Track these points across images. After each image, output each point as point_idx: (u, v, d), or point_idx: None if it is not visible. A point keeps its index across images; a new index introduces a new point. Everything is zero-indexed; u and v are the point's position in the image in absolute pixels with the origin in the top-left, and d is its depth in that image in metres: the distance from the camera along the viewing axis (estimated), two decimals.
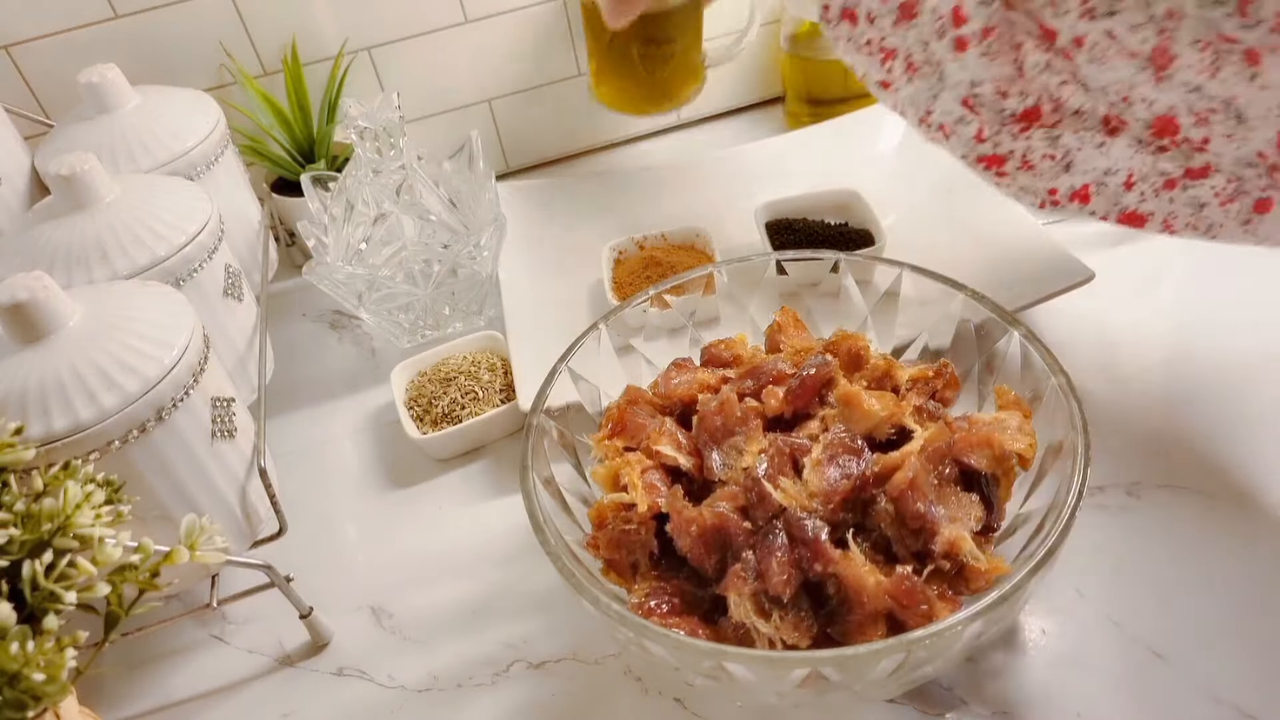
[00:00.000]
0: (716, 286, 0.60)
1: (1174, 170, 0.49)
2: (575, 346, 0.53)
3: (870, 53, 0.54)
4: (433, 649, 0.53)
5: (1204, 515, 0.52)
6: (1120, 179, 0.50)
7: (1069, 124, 0.51)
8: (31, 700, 0.35)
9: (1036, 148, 0.52)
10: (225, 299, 0.61)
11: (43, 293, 0.46)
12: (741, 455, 0.47)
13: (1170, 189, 0.49)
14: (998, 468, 0.45)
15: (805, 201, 0.72)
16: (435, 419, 0.64)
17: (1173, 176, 0.49)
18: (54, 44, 0.74)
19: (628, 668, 0.51)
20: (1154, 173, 0.49)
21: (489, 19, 0.82)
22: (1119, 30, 0.46)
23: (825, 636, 0.42)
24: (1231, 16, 0.42)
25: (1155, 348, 0.62)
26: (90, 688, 0.53)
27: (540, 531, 0.44)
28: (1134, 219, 0.51)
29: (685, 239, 0.73)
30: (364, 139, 0.64)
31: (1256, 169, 0.46)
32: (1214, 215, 0.48)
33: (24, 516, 0.38)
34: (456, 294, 0.70)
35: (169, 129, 0.65)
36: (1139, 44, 0.46)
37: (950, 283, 0.52)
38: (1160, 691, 0.45)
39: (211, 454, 0.51)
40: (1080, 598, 0.50)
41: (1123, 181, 0.50)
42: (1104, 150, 0.50)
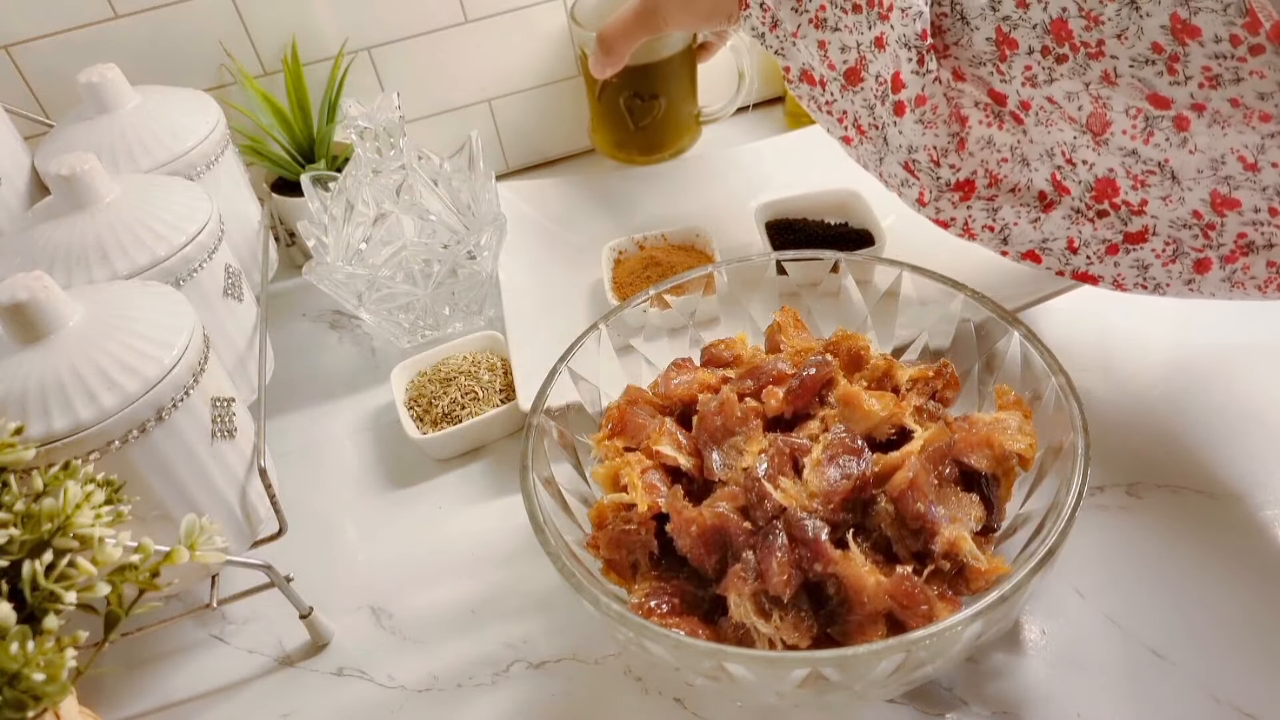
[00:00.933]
0: (716, 286, 0.60)
1: (1114, 236, 0.50)
2: (575, 346, 0.53)
3: (830, 112, 0.57)
4: (433, 649, 0.53)
5: (1204, 515, 0.52)
6: (1061, 244, 0.52)
7: (1005, 199, 0.53)
8: (31, 700, 0.35)
9: (977, 218, 0.54)
10: (225, 299, 0.61)
11: (43, 293, 0.46)
12: (741, 455, 0.47)
13: (1113, 254, 0.51)
14: (998, 468, 0.45)
15: (805, 201, 0.72)
16: (435, 419, 0.64)
17: (1114, 242, 0.51)
18: (54, 44, 0.74)
19: (628, 668, 0.51)
20: (1094, 239, 0.51)
21: (489, 19, 0.82)
22: (1058, 96, 0.48)
23: (825, 636, 0.42)
24: (1161, 75, 0.44)
25: (1155, 348, 0.62)
26: (90, 688, 0.53)
27: (540, 531, 0.44)
28: (1086, 278, 0.53)
29: (685, 239, 0.73)
30: (364, 139, 0.64)
31: (1192, 230, 0.48)
32: (1159, 275, 0.50)
33: (24, 516, 0.38)
34: (456, 294, 0.70)
35: (169, 129, 0.65)
36: (1075, 110, 0.48)
37: (950, 283, 0.52)
38: (1160, 691, 0.45)
39: (211, 454, 0.51)
40: (1080, 598, 0.50)
41: (1065, 246, 0.52)
42: (1038, 225, 0.53)
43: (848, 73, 0.54)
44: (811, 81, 0.57)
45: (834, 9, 0.53)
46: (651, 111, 0.78)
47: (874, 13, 0.51)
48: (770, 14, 0.56)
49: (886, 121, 0.54)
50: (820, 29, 0.54)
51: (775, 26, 0.56)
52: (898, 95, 0.51)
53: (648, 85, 0.77)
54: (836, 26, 0.53)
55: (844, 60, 0.54)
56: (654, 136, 0.81)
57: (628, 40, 0.65)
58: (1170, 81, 0.44)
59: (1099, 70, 0.45)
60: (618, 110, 0.79)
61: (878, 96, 0.53)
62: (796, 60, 0.57)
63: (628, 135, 0.81)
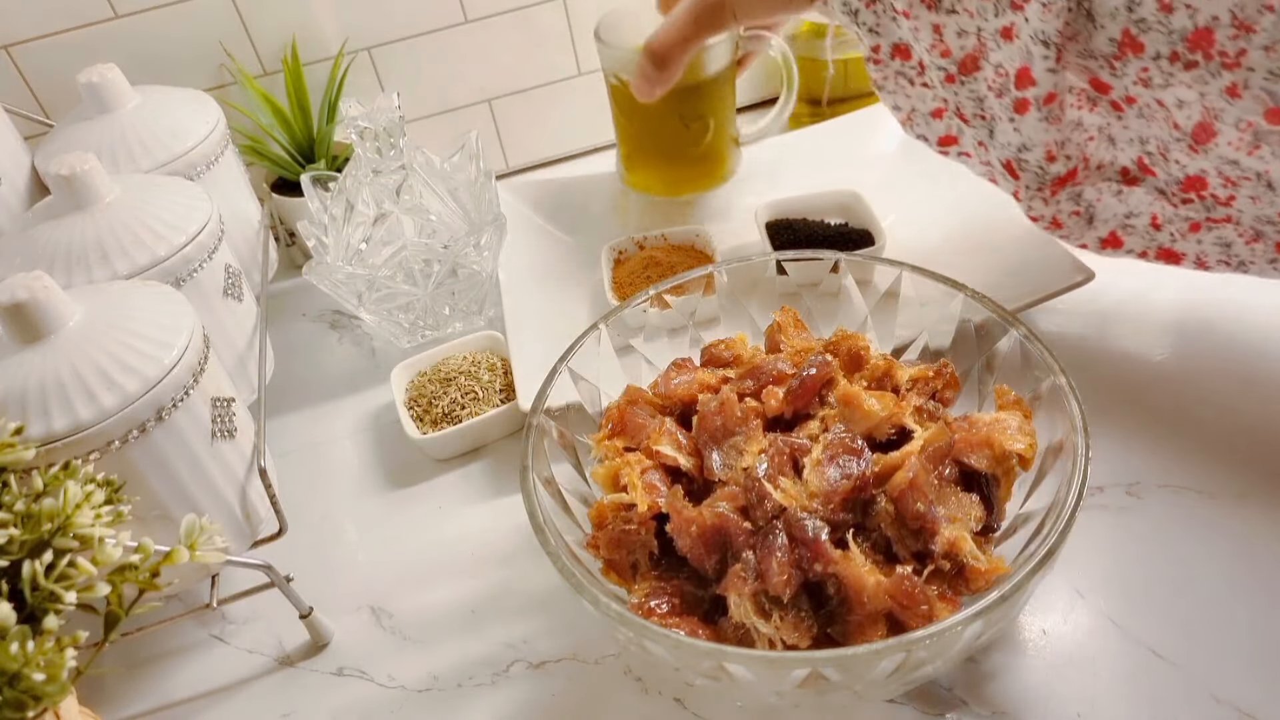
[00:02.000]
0: (716, 287, 0.60)
1: (1197, 217, 0.50)
2: (575, 346, 0.53)
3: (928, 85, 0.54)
4: (433, 649, 0.53)
5: (1204, 515, 0.52)
6: (1145, 220, 0.51)
7: (1091, 178, 0.52)
8: (31, 700, 0.35)
9: (1064, 208, 0.52)
10: (225, 299, 0.61)
11: (43, 293, 0.46)
12: (741, 455, 0.47)
13: (1195, 231, 0.50)
14: (998, 468, 0.45)
15: (805, 202, 0.72)
16: (435, 419, 0.64)
17: (1196, 221, 0.50)
18: (54, 44, 0.74)
19: (628, 668, 0.51)
20: (1177, 218, 0.50)
21: (489, 19, 0.82)
22: (1168, 100, 0.46)
23: (825, 636, 0.42)
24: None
25: (1155, 348, 0.62)
26: (90, 688, 0.53)
27: (540, 531, 0.44)
28: (1170, 255, 0.52)
29: (685, 239, 0.73)
30: (364, 139, 0.64)
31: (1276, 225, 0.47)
32: (1242, 253, 0.49)
33: (24, 516, 0.38)
34: (456, 294, 0.70)
35: (169, 129, 0.65)
36: (1183, 118, 0.46)
37: (950, 283, 0.52)
38: (1160, 691, 0.45)
39: (211, 454, 0.51)
40: (1080, 598, 0.50)
41: (1149, 222, 0.51)
42: (1122, 198, 0.51)
43: (965, 60, 0.50)
44: (905, 56, 0.54)
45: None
46: (701, 137, 0.70)
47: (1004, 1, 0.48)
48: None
49: (999, 115, 0.51)
50: (934, 10, 0.50)
51: (873, 2, 0.52)
52: (1023, 92, 0.49)
53: (696, 107, 0.68)
54: (954, 9, 0.50)
55: (961, 46, 0.50)
56: (702, 165, 0.73)
57: (686, 48, 0.57)
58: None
59: (1226, 81, 0.44)
60: (662, 140, 0.70)
61: (993, 88, 0.50)
62: (891, 36, 0.53)
63: (672, 166, 0.73)
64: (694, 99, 0.68)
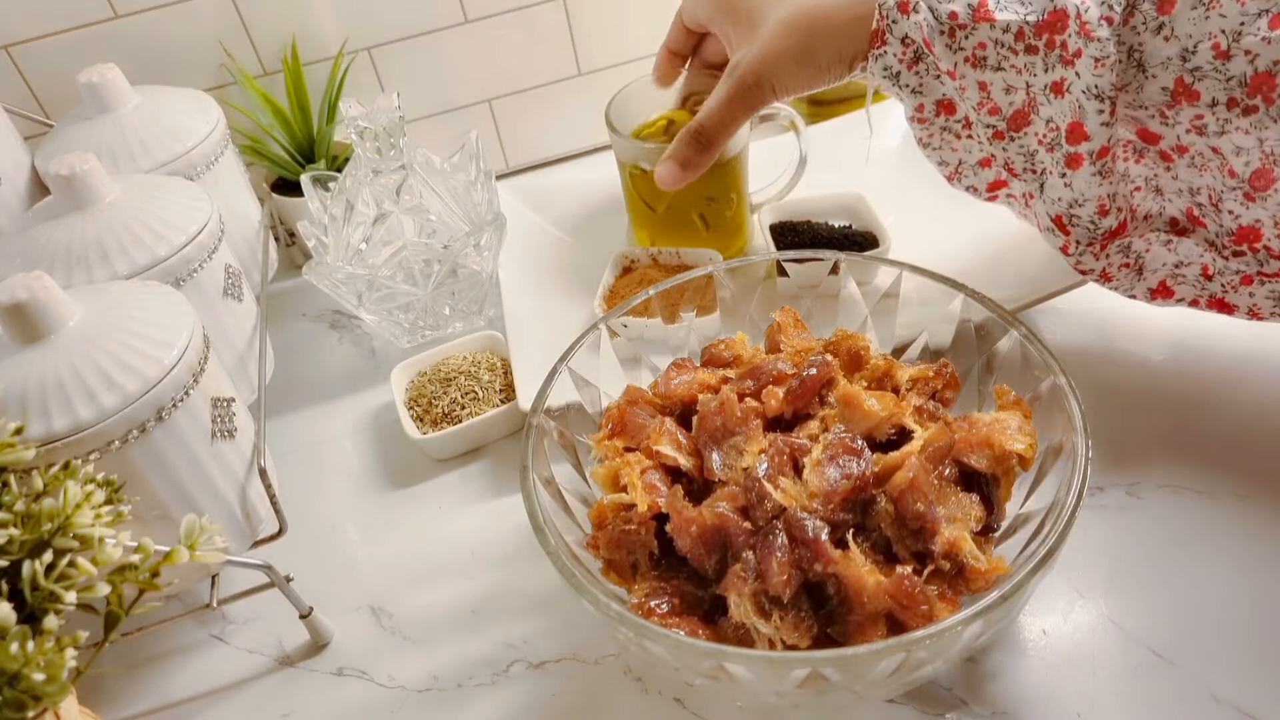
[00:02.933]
0: (717, 293, 0.59)
1: (1249, 270, 0.49)
2: (575, 346, 0.53)
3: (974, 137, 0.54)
4: (433, 649, 0.53)
5: (1204, 515, 0.52)
6: (1195, 270, 0.51)
7: (1139, 229, 0.51)
8: (31, 700, 0.35)
9: (1114, 260, 0.52)
10: (225, 299, 0.61)
11: (43, 293, 0.46)
12: (741, 455, 0.47)
13: (1248, 284, 0.50)
14: (998, 468, 0.45)
15: (810, 204, 0.72)
16: (435, 419, 0.64)
17: (1248, 274, 0.49)
18: (54, 44, 0.74)
19: (628, 668, 0.51)
20: (1228, 270, 0.50)
21: (489, 19, 0.82)
22: (1225, 148, 0.46)
23: (825, 636, 0.42)
24: None
25: (1155, 348, 0.62)
26: (90, 688, 0.53)
27: (540, 531, 0.44)
28: (1223, 306, 0.51)
29: (699, 260, 0.71)
30: (364, 139, 0.64)
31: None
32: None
33: (24, 516, 0.38)
34: (456, 294, 0.70)
35: (169, 129, 0.65)
36: (1240, 165, 0.46)
37: (950, 283, 0.52)
38: (1160, 691, 0.45)
39: (211, 454, 0.51)
40: (1080, 598, 0.50)
41: (1199, 272, 0.51)
42: (1172, 248, 0.51)
43: (1014, 116, 0.50)
44: (951, 111, 0.53)
45: (998, 49, 0.48)
46: (725, 212, 0.70)
47: (1054, 55, 0.47)
48: (912, 49, 0.51)
49: (1050, 169, 0.50)
50: (979, 68, 0.49)
51: (915, 63, 0.51)
52: (1076, 147, 0.48)
53: (722, 186, 0.69)
54: (1000, 66, 0.49)
55: (1009, 102, 0.50)
56: (725, 238, 0.73)
57: (730, 130, 0.57)
58: None
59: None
60: (687, 222, 0.70)
61: (1044, 143, 0.50)
62: (934, 94, 0.53)
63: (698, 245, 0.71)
64: (720, 178, 0.69)
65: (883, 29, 0.51)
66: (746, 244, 0.76)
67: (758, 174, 0.74)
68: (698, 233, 0.72)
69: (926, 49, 0.50)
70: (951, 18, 0.49)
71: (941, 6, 0.49)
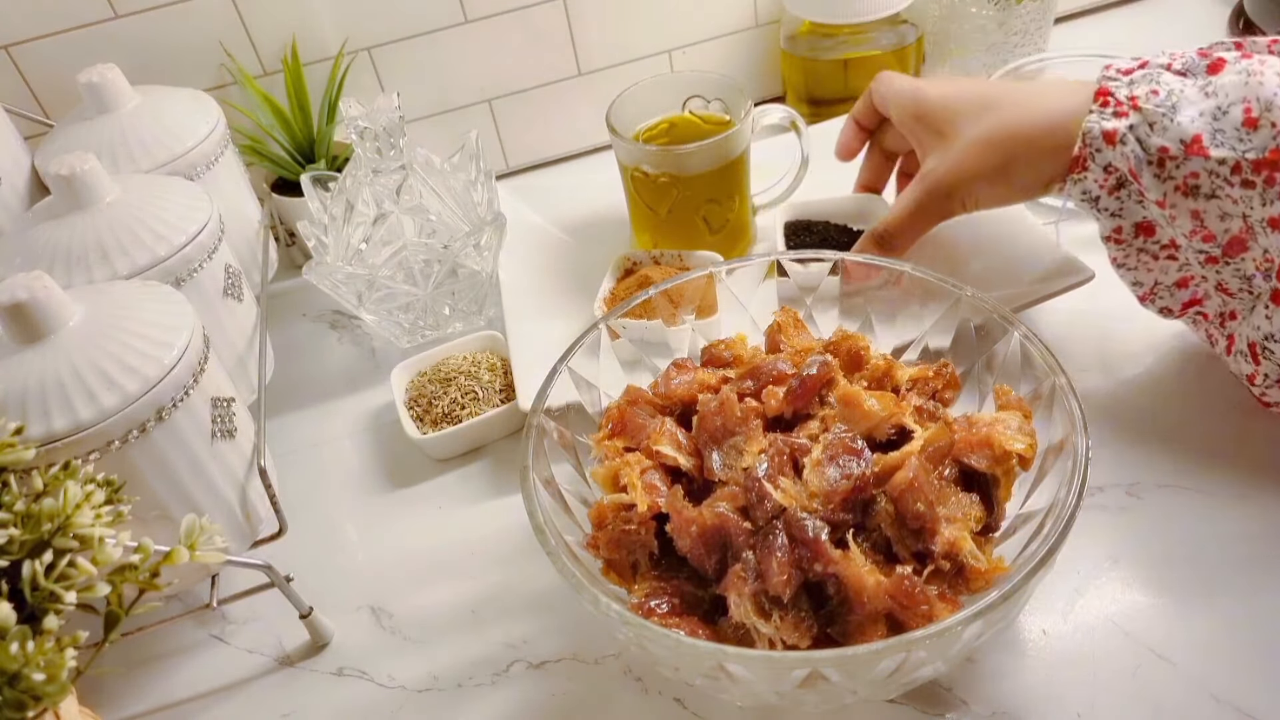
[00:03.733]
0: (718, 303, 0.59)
1: None
2: (575, 346, 0.53)
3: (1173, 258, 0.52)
4: (433, 649, 0.53)
5: (1204, 515, 0.52)
6: None
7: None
8: (31, 700, 0.35)
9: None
10: (225, 299, 0.61)
11: (43, 293, 0.46)
12: (741, 455, 0.47)
13: None
14: (998, 468, 0.45)
15: (827, 205, 0.72)
16: (435, 419, 0.64)
17: None
18: (54, 44, 0.74)
19: (628, 668, 0.51)
20: None
21: (489, 19, 0.82)
22: None
23: (825, 636, 0.42)
24: None
25: (1155, 347, 0.62)
26: (90, 688, 0.53)
27: (540, 531, 0.44)
28: None
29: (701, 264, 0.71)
30: (364, 139, 0.64)
31: None
32: None
33: (24, 516, 0.38)
34: (456, 294, 0.70)
35: (169, 129, 0.65)
36: None
37: (950, 283, 0.52)
38: (1160, 691, 0.45)
39: (211, 454, 0.51)
40: (1080, 598, 0.50)
41: None
42: None
43: (1231, 242, 0.48)
44: (1149, 233, 0.52)
45: (1213, 179, 0.47)
46: (728, 214, 0.71)
47: (1273, 191, 0.45)
48: (1115, 177, 0.50)
49: (1263, 294, 0.49)
50: (1191, 197, 0.48)
51: (1117, 189, 0.50)
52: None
53: (724, 188, 0.70)
54: (1214, 194, 0.47)
55: (1225, 230, 0.48)
56: (728, 241, 0.73)
57: (915, 234, 0.58)
58: None
59: None
60: (691, 225, 0.71)
61: (1260, 269, 0.48)
62: (1134, 217, 0.52)
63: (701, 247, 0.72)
64: (722, 179, 0.69)
65: (1085, 156, 0.50)
66: (750, 245, 0.75)
67: (762, 174, 0.74)
68: (701, 235, 0.72)
69: (1133, 179, 0.49)
70: (1162, 151, 0.47)
71: (1151, 140, 0.48)
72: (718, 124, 0.72)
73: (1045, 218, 0.68)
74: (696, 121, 0.73)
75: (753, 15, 0.88)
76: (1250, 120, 0.45)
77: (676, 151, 0.66)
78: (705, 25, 0.87)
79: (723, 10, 0.87)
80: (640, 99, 0.71)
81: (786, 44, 0.86)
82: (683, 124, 0.73)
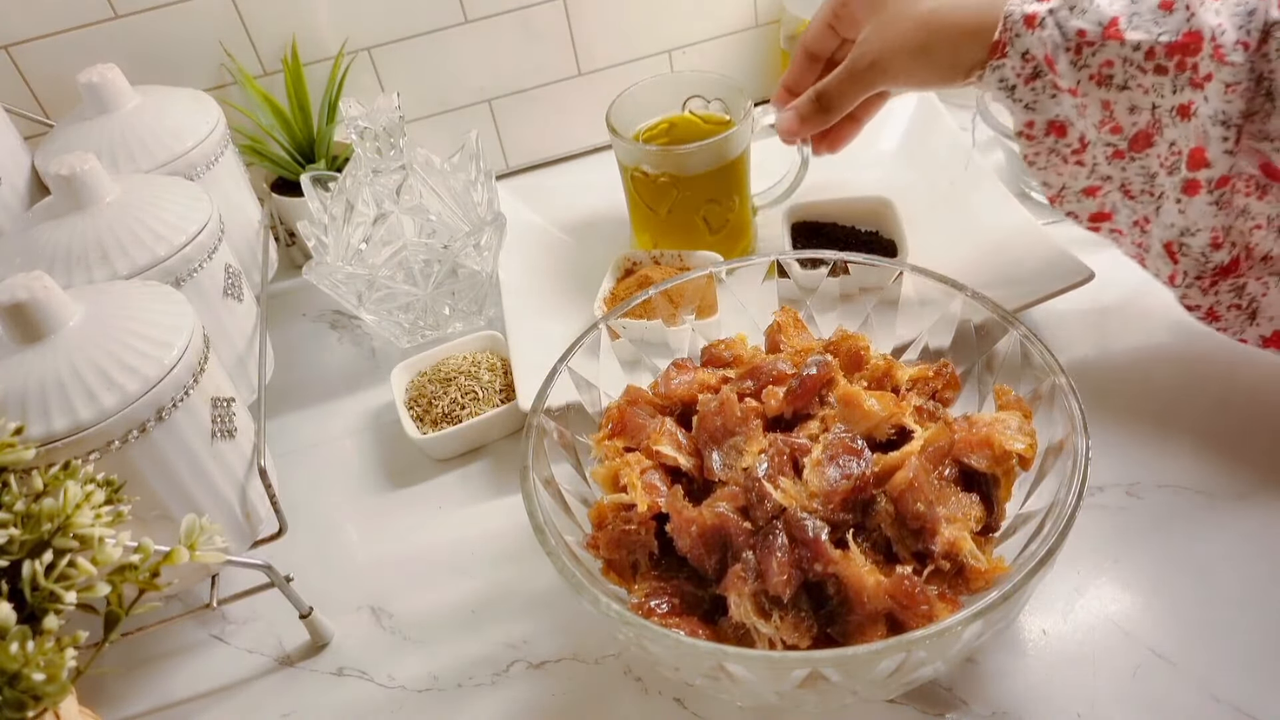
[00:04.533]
0: (716, 287, 0.59)
1: None
2: (575, 346, 0.53)
3: (1081, 163, 0.53)
4: (433, 649, 0.53)
5: (1204, 515, 0.52)
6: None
7: (1255, 270, 0.50)
8: (31, 700, 0.35)
9: (1223, 300, 0.51)
10: (225, 299, 0.61)
11: (43, 293, 0.46)
12: (741, 455, 0.47)
13: None
14: (998, 468, 0.45)
15: (836, 206, 0.72)
16: (435, 419, 0.64)
17: None
18: (54, 44, 0.74)
19: (628, 668, 0.51)
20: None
21: (489, 19, 0.82)
22: None
23: (825, 636, 0.42)
24: None
25: (1155, 347, 0.62)
26: (90, 688, 0.53)
27: (540, 531, 0.44)
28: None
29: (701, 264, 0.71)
30: (364, 139, 0.64)
31: None
32: None
33: (24, 516, 0.38)
34: (456, 294, 0.70)
35: (169, 129, 0.65)
36: None
37: (950, 283, 0.52)
38: (1160, 691, 0.45)
39: (211, 454, 0.51)
40: (1080, 597, 0.50)
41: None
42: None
43: (1137, 136, 0.49)
44: (1060, 133, 0.53)
45: (1126, 67, 0.48)
46: (728, 215, 0.71)
47: (1184, 77, 0.46)
48: (1031, 65, 0.50)
49: (1167, 193, 0.49)
50: (1104, 86, 0.49)
51: (1033, 79, 0.51)
52: (1194, 173, 0.47)
53: (724, 188, 0.70)
54: (1125, 85, 0.48)
55: (1133, 122, 0.49)
56: (728, 241, 0.73)
57: (846, 100, 0.58)
58: None
59: None
60: (690, 225, 0.71)
61: (1164, 165, 0.49)
62: (1047, 113, 0.52)
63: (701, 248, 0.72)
64: (721, 179, 0.69)
65: (1004, 41, 0.50)
66: (751, 245, 0.75)
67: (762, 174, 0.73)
68: (701, 235, 0.72)
69: (1048, 67, 0.49)
70: (1079, 35, 0.48)
71: (1070, 23, 0.48)
72: (718, 124, 0.72)
73: (1045, 218, 0.68)
74: (697, 121, 0.73)
75: (753, 15, 0.88)
76: (1166, 3, 0.46)
77: (676, 151, 0.66)
78: (705, 25, 0.87)
79: (723, 10, 0.87)
80: (640, 99, 0.71)
81: (786, 44, 0.86)
82: (683, 124, 0.73)
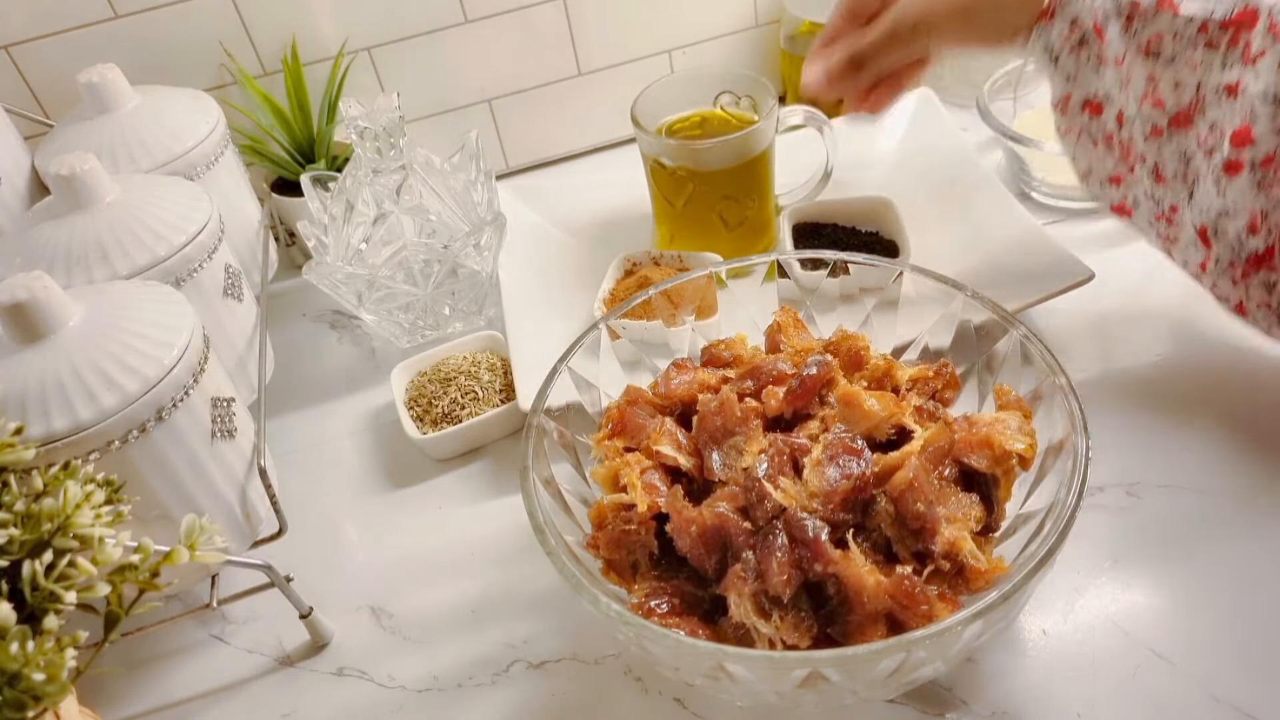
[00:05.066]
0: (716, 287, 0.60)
1: None
2: (575, 347, 0.53)
3: (1110, 147, 0.52)
4: (433, 649, 0.53)
5: (1204, 515, 0.52)
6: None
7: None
8: (31, 700, 0.35)
9: (1254, 295, 0.50)
10: (225, 299, 0.61)
11: (43, 293, 0.46)
12: (741, 455, 0.47)
13: None
14: (998, 468, 0.45)
15: (837, 206, 0.72)
16: (435, 419, 0.64)
17: None
18: (54, 44, 0.74)
19: (628, 668, 0.51)
20: None
21: (489, 19, 0.82)
22: None
23: (825, 636, 0.42)
24: None
25: (1155, 347, 0.62)
26: (90, 688, 0.53)
27: (540, 531, 0.44)
28: None
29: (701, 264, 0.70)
30: (364, 139, 0.64)
31: None
32: None
33: (24, 516, 0.38)
34: (456, 294, 0.70)
35: (169, 129, 0.65)
36: None
37: (950, 283, 0.52)
38: (1160, 691, 0.45)
39: (211, 454, 0.51)
40: (1080, 597, 0.50)
41: None
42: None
43: (1179, 114, 0.47)
44: (1096, 111, 0.51)
45: (1176, 41, 0.46)
46: (748, 211, 0.71)
47: (1235, 53, 0.45)
48: (1079, 32, 0.49)
49: (1203, 174, 0.48)
50: (1151, 58, 0.47)
51: (1079, 47, 0.49)
52: (1239, 152, 0.45)
53: (746, 184, 0.70)
54: (1173, 59, 0.47)
55: (1176, 100, 0.47)
56: (748, 238, 0.73)
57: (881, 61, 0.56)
58: None
59: None
60: (710, 220, 0.71)
61: (1203, 146, 0.47)
62: (1086, 88, 0.51)
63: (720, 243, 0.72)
64: (738, 176, 0.69)
65: (1054, 5, 0.49)
66: (773, 244, 0.75)
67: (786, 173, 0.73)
68: (717, 231, 0.72)
69: (1096, 35, 0.48)
70: (1133, 4, 0.47)
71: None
72: (746, 123, 0.71)
73: (1045, 218, 0.68)
74: (728, 118, 0.73)
75: (753, 15, 0.88)
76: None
77: (694, 146, 0.67)
78: (705, 25, 0.87)
79: (723, 10, 0.87)
80: (665, 93, 0.71)
81: (786, 44, 0.86)
82: (714, 119, 0.73)
